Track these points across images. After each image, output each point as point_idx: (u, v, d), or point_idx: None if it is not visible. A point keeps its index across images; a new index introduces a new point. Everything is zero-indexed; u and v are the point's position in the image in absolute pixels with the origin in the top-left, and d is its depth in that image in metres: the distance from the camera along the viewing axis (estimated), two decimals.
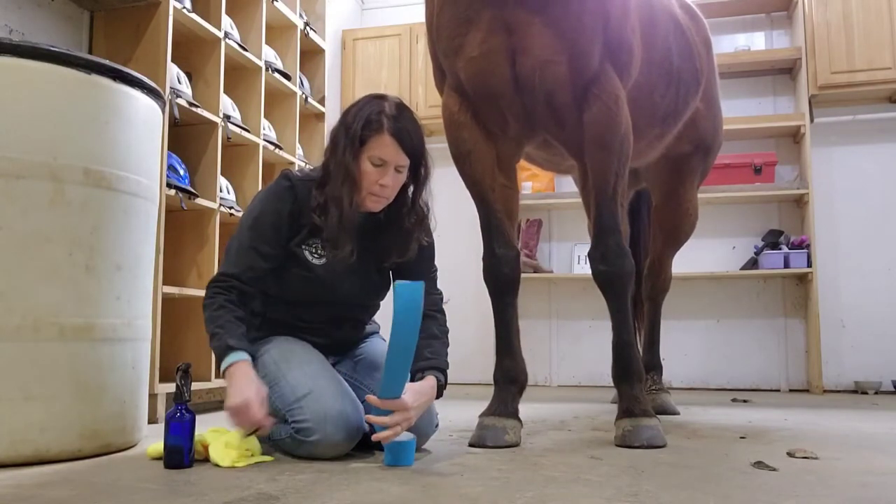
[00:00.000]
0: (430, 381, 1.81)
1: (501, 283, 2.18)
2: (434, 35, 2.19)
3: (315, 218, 1.86)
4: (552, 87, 2.08)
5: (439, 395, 1.85)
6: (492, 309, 2.22)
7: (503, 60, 2.05)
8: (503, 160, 2.25)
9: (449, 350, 1.94)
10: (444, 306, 2.01)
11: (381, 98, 1.87)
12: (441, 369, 1.86)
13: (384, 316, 2.04)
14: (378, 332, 2.20)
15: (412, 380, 1.80)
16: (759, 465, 1.71)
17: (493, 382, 2.20)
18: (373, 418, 1.69)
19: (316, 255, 1.90)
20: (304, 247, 1.90)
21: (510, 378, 2.17)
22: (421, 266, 1.99)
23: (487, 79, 2.09)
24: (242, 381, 1.71)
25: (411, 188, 1.93)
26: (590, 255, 2.17)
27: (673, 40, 2.57)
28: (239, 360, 1.74)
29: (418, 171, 1.90)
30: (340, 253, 1.85)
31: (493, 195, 2.19)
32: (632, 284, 2.21)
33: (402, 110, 1.85)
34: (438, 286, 2.04)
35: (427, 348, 1.86)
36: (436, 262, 2.06)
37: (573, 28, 2.02)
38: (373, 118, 1.81)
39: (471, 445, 2.01)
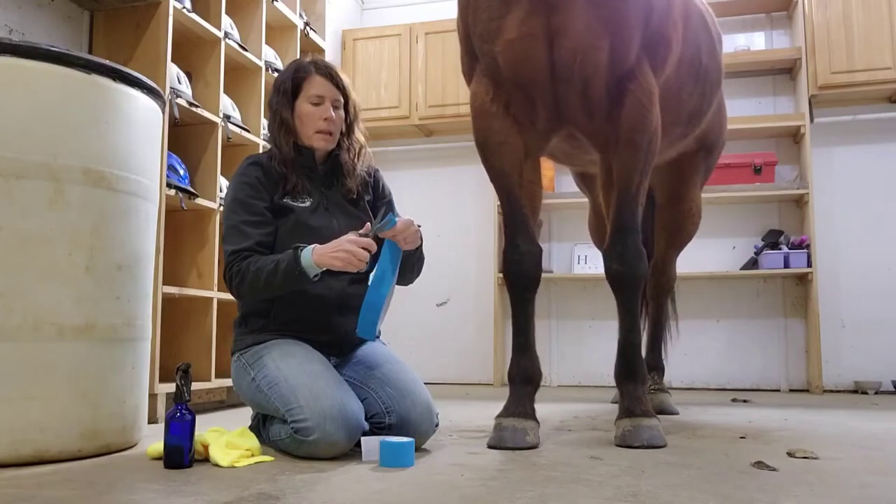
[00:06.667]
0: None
1: (524, 279, 2.14)
2: (470, 17, 2.12)
3: (277, 167, 2.02)
4: (590, 75, 2.02)
5: (420, 245, 2.01)
6: (511, 305, 2.18)
7: (541, 44, 1.99)
8: (530, 154, 2.19)
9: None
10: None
11: (297, 60, 2.16)
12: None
13: (386, 323, 2.05)
14: (378, 338, 2.19)
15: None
16: (759, 465, 1.71)
17: (508, 381, 2.17)
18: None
19: (300, 200, 2.03)
20: (286, 199, 2.03)
21: (527, 377, 2.13)
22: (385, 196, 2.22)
23: (525, 63, 2.02)
24: (328, 247, 1.82)
25: (346, 127, 2.14)
26: (605, 253, 2.14)
27: (702, 36, 2.52)
28: (308, 247, 1.84)
29: (348, 110, 2.13)
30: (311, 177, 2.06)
31: (520, 190, 2.15)
32: (643, 286, 2.18)
33: (320, 60, 2.13)
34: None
35: None
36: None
37: (617, 13, 1.98)
38: (300, 68, 2.09)
39: (490, 447, 1.98)
